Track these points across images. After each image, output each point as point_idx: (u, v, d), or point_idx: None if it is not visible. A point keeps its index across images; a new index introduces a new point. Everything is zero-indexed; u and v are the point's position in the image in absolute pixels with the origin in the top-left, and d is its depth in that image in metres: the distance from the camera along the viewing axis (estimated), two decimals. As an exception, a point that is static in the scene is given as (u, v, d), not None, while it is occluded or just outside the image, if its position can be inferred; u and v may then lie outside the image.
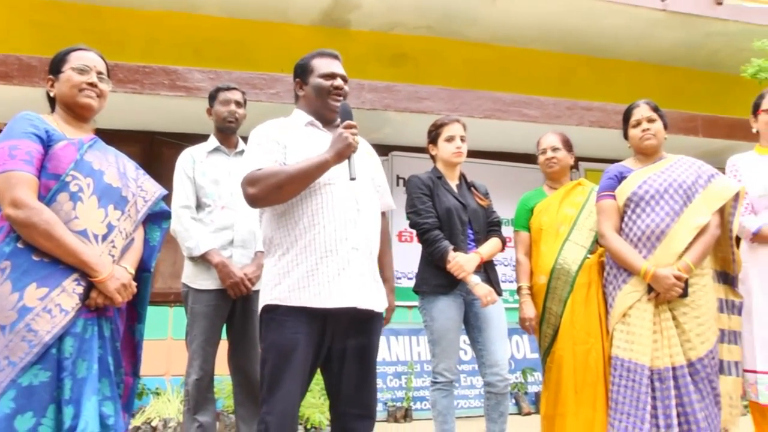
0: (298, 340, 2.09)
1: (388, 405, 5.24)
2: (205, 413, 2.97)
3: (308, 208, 2.13)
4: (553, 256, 3.05)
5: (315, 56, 2.35)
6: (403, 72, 6.26)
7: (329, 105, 2.29)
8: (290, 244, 2.14)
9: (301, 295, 2.08)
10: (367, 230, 2.20)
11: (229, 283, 2.92)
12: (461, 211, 3.10)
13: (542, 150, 3.26)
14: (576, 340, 2.93)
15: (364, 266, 2.16)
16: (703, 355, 2.60)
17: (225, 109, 3.13)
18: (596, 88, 6.76)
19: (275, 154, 2.17)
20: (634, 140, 2.89)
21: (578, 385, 2.90)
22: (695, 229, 2.65)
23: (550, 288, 3.04)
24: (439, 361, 3.04)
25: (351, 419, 2.24)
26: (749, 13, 6.91)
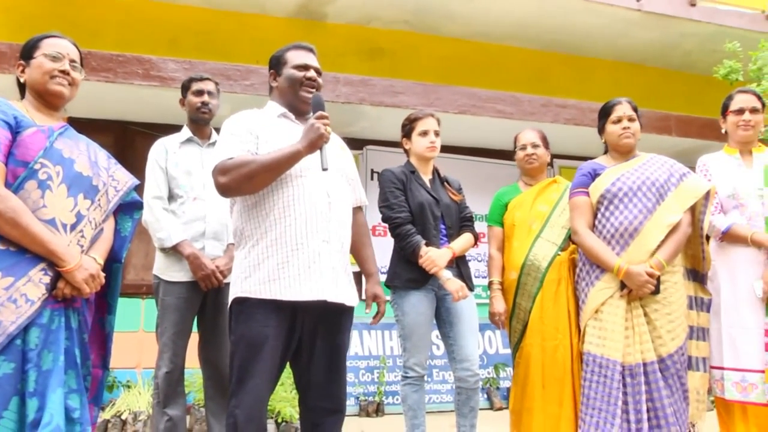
0: (267, 332, 2.08)
1: (360, 399, 5.25)
2: (175, 407, 2.94)
3: (279, 200, 2.13)
4: (524, 252, 3.07)
5: (290, 48, 2.36)
6: (379, 66, 6.24)
7: (301, 96, 2.29)
8: (261, 236, 2.13)
9: (272, 287, 2.08)
10: (339, 223, 2.20)
11: (200, 275, 2.89)
12: (434, 206, 3.10)
13: (522, 146, 3.26)
14: (544, 335, 2.97)
15: (335, 260, 2.15)
16: (673, 351, 2.64)
17: (198, 99, 3.09)
18: (572, 86, 6.81)
19: (247, 144, 2.16)
20: (613, 137, 2.91)
21: (546, 380, 2.93)
22: (667, 227, 2.69)
23: (520, 284, 3.07)
24: (409, 355, 3.05)
25: (320, 413, 2.24)
26: (722, 16, 7.03)
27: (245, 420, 2.07)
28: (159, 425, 2.93)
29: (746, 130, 3.03)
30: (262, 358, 2.08)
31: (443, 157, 5.99)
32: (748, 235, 2.85)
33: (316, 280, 2.09)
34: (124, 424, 4.09)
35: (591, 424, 2.63)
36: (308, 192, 2.14)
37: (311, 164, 2.15)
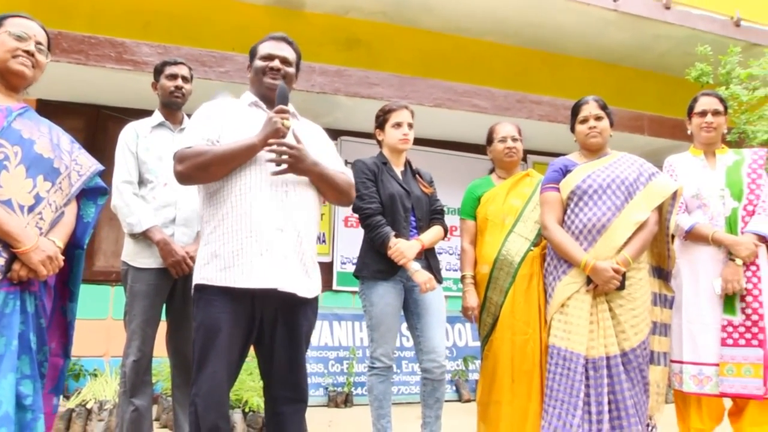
0: (225, 320, 2.10)
1: (329, 390, 5.28)
2: (141, 396, 2.91)
3: (236, 187, 2.14)
4: (496, 247, 3.09)
5: (264, 40, 2.39)
6: (355, 56, 6.23)
7: (266, 83, 2.31)
8: (218, 223, 2.15)
9: (227, 275, 2.09)
10: (296, 212, 2.18)
11: (170, 262, 2.86)
12: (405, 198, 3.11)
13: (502, 138, 3.25)
14: (515, 329, 2.99)
15: (288, 248, 2.14)
16: (636, 346, 2.70)
17: (171, 83, 3.06)
18: (547, 83, 6.88)
19: (208, 132, 2.17)
20: (580, 136, 2.97)
21: (515, 373, 2.96)
22: (635, 224, 2.74)
23: (492, 278, 3.09)
24: (377, 346, 3.06)
25: (282, 402, 2.25)
26: (695, 20, 7.15)
27: (204, 408, 2.08)
28: (124, 415, 2.90)
29: (708, 132, 3.09)
30: (220, 345, 2.09)
31: (417, 150, 6.00)
32: (709, 234, 2.92)
33: (267, 268, 2.09)
34: (89, 414, 4.03)
35: (554, 415, 2.68)
36: (265, 181, 2.15)
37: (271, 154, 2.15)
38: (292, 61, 2.36)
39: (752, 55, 6.71)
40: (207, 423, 2.10)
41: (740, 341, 2.82)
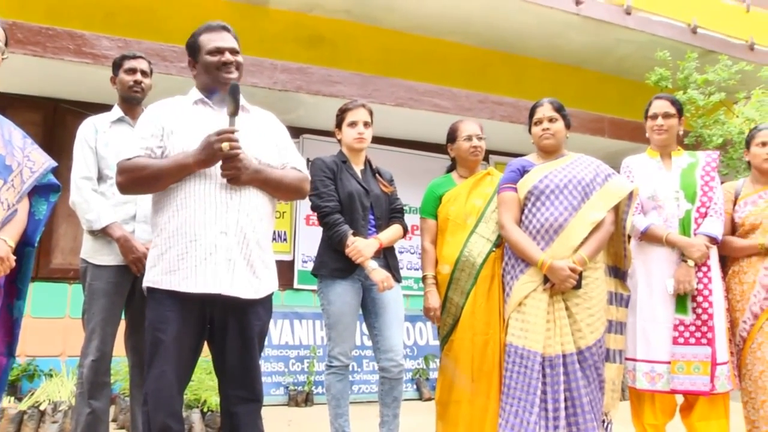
0: (174, 320, 2.09)
1: (290, 389, 5.25)
2: (99, 398, 2.84)
3: (181, 191, 2.12)
4: (458, 248, 3.08)
5: (202, 32, 2.28)
6: (318, 54, 6.21)
7: (222, 79, 2.23)
8: (164, 225, 2.14)
9: (171, 279, 2.09)
10: (242, 214, 2.15)
11: (131, 259, 2.81)
12: (363, 197, 3.11)
13: (467, 137, 3.21)
14: (476, 330, 3.00)
15: (234, 252, 2.13)
16: (591, 344, 2.74)
17: (130, 78, 3.00)
18: (510, 84, 6.95)
19: (149, 141, 2.14)
20: (535, 138, 3.01)
21: (475, 373, 2.97)
22: (591, 224, 2.78)
23: (453, 279, 3.08)
24: (334, 344, 3.06)
25: (236, 401, 2.24)
26: (654, 26, 7.32)
27: (154, 408, 2.08)
28: (80, 417, 2.83)
29: (660, 134, 3.16)
30: (166, 344, 2.08)
31: (379, 149, 6.04)
32: (663, 235, 2.99)
33: (211, 273, 2.08)
34: (42, 416, 3.92)
35: (511, 413, 2.71)
36: (210, 183, 2.12)
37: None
38: (239, 50, 2.30)
39: (708, 62, 6.90)
40: (156, 423, 2.09)
41: (691, 340, 2.91)
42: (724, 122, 6.60)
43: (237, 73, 2.26)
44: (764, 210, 3.10)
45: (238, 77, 2.27)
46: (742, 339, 3.07)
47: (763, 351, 2.97)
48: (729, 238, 3.13)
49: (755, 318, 3.02)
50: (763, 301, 3.01)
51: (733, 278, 3.13)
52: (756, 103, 6.40)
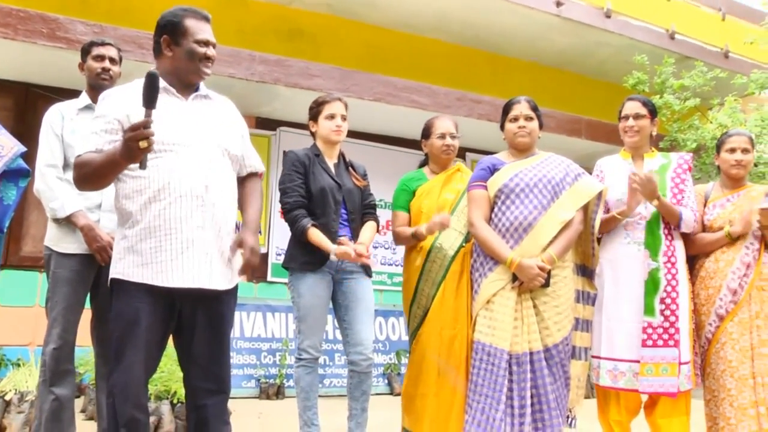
0: (142, 311, 2.07)
1: (261, 382, 5.24)
2: (62, 386, 2.81)
3: (154, 183, 2.08)
4: (430, 240, 3.11)
5: (188, 15, 2.20)
6: (298, 47, 6.18)
7: (201, 71, 2.20)
8: (136, 217, 2.09)
9: (144, 272, 2.06)
10: (216, 208, 2.15)
11: (95, 248, 2.77)
12: (336, 191, 3.12)
13: (441, 134, 3.25)
14: (444, 324, 3.03)
15: (210, 245, 2.12)
16: (558, 342, 2.76)
17: (98, 65, 2.96)
18: (489, 83, 6.98)
19: (105, 137, 2.09)
20: (509, 134, 2.99)
21: (441, 367, 3.01)
22: (560, 223, 2.79)
23: (424, 269, 3.10)
24: (304, 337, 3.07)
25: (203, 394, 2.22)
26: (633, 30, 7.41)
27: (121, 400, 2.06)
28: (44, 405, 2.80)
29: (631, 135, 3.18)
30: (136, 336, 2.06)
31: (355, 143, 6.03)
32: (614, 213, 3.02)
33: (188, 268, 2.07)
34: (8, 405, 3.85)
35: (477, 410, 2.72)
36: (184, 176, 2.09)
37: (188, 148, 2.12)
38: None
39: (685, 67, 7.01)
40: (124, 415, 2.07)
41: (659, 342, 2.94)
42: (698, 127, 6.71)
43: (210, 71, 2.23)
44: (731, 213, 3.16)
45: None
46: (707, 340, 3.12)
47: (726, 351, 3.03)
48: (700, 234, 3.18)
49: (720, 320, 3.07)
50: (728, 304, 3.06)
51: (701, 283, 3.18)
52: (729, 109, 6.51)
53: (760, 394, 2.96)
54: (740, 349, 3.02)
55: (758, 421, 2.93)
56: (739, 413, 2.96)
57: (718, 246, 3.14)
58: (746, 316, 3.05)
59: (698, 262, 3.23)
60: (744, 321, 3.04)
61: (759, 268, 3.07)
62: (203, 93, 2.28)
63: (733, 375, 3.00)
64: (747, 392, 2.97)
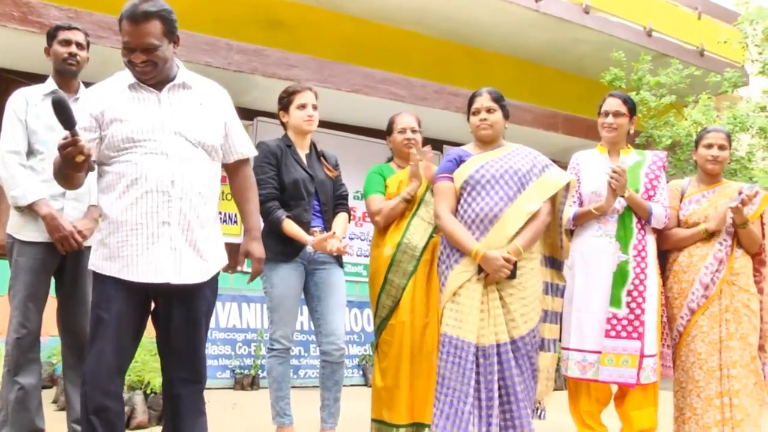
0: (115, 300, 2.09)
1: (236, 372, 5.22)
2: (27, 375, 2.78)
3: (123, 179, 2.09)
4: (401, 231, 3.14)
5: (122, 17, 2.08)
6: (276, 37, 6.13)
7: (135, 76, 2.16)
8: (108, 210, 2.13)
9: (112, 265, 2.09)
10: (184, 202, 2.12)
11: (57, 237, 2.73)
12: (308, 182, 3.11)
13: (401, 129, 3.31)
14: (416, 314, 3.07)
15: (177, 240, 2.10)
16: (525, 334, 2.75)
17: (64, 49, 2.90)
18: (467, 77, 6.97)
19: (83, 135, 2.01)
20: (473, 127, 2.99)
21: (414, 357, 3.05)
22: (526, 214, 2.77)
23: (394, 260, 3.13)
24: (276, 328, 3.07)
25: (178, 383, 2.23)
26: (612, 27, 7.46)
27: (91, 388, 2.06)
28: (9, 395, 2.76)
29: (609, 132, 3.22)
30: (110, 324, 2.08)
31: (332, 134, 6.02)
32: (590, 208, 3.08)
33: (153, 263, 2.07)
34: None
35: (445, 403, 2.69)
36: (150, 172, 2.08)
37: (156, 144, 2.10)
38: (156, 45, 2.08)
39: (661, 65, 7.08)
40: (94, 403, 2.07)
41: (622, 333, 2.99)
42: (674, 124, 6.79)
43: (153, 69, 2.11)
44: (707, 209, 3.21)
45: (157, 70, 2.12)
46: (678, 333, 3.18)
47: (696, 344, 3.09)
48: (675, 229, 3.23)
49: (692, 314, 3.13)
50: (700, 299, 3.12)
51: (674, 277, 3.23)
52: (703, 107, 6.60)
53: (726, 385, 3.03)
54: (709, 342, 3.08)
55: (722, 410, 3.00)
56: (705, 404, 3.03)
57: (693, 241, 3.19)
58: (716, 309, 3.11)
59: (672, 256, 3.28)
60: (714, 314, 3.10)
61: (731, 264, 3.13)
62: (180, 82, 2.22)
63: (701, 367, 3.07)
64: (714, 384, 3.04)
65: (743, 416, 2.99)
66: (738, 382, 3.02)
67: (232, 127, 2.35)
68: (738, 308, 3.11)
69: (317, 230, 3.08)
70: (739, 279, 3.14)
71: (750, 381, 3.06)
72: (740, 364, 3.04)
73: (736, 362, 3.04)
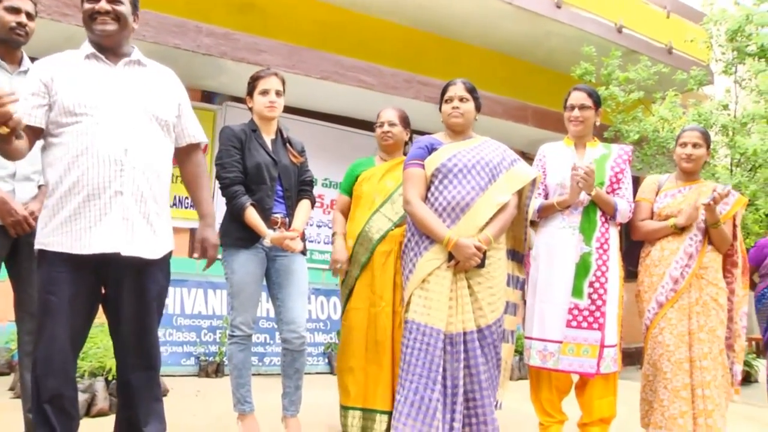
0: (65, 281, 2.03)
1: (201, 359, 5.17)
2: None
3: (73, 148, 2.04)
4: (362, 224, 3.23)
5: None
6: (247, 21, 6.03)
7: (96, 30, 2.16)
8: (56, 184, 2.07)
9: (63, 240, 2.02)
10: (137, 172, 2.10)
11: (9, 222, 2.59)
12: (271, 167, 3.07)
13: (380, 123, 3.37)
14: (371, 301, 3.17)
15: (131, 210, 2.08)
16: (491, 323, 2.78)
17: (12, 17, 2.67)
18: (438, 67, 6.96)
19: (31, 100, 2.06)
20: (444, 116, 3.00)
21: (369, 343, 3.15)
22: (496, 205, 2.80)
23: (353, 252, 3.24)
24: (236, 314, 3.04)
25: (131, 370, 2.19)
26: (583, 21, 7.52)
27: (44, 373, 2.01)
28: None
29: (576, 125, 3.25)
30: (61, 308, 2.02)
31: (300, 120, 5.97)
32: (553, 202, 3.12)
33: (105, 233, 2.03)
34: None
35: (410, 390, 2.68)
36: (101, 141, 2.06)
37: (105, 111, 2.08)
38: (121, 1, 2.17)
39: (631, 61, 7.17)
40: (48, 390, 2.02)
41: (583, 324, 3.03)
42: (641, 120, 6.90)
43: (115, 25, 2.16)
44: (681, 203, 3.26)
45: (118, 29, 2.17)
46: (645, 327, 3.24)
47: (664, 336, 3.15)
48: (646, 221, 3.29)
49: (659, 306, 3.19)
50: (669, 292, 3.18)
51: (645, 270, 3.29)
52: (669, 104, 6.71)
53: (698, 377, 3.09)
54: (678, 334, 3.13)
55: (691, 402, 3.05)
56: (672, 395, 3.09)
57: (662, 234, 3.25)
58: (686, 302, 3.17)
59: (645, 250, 3.34)
60: (683, 307, 3.16)
61: (701, 258, 3.19)
62: (135, 59, 2.24)
63: (669, 359, 3.12)
64: (681, 375, 3.09)
65: (714, 407, 3.06)
66: (709, 373, 3.09)
67: (185, 110, 2.37)
68: (707, 301, 3.17)
69: (279, 217, 3.06)
70: (708, 273, 3.20)
71: (719, 373, 3.13)
72: (710, 356, 3.11)
73: (707, 354, 3.11)
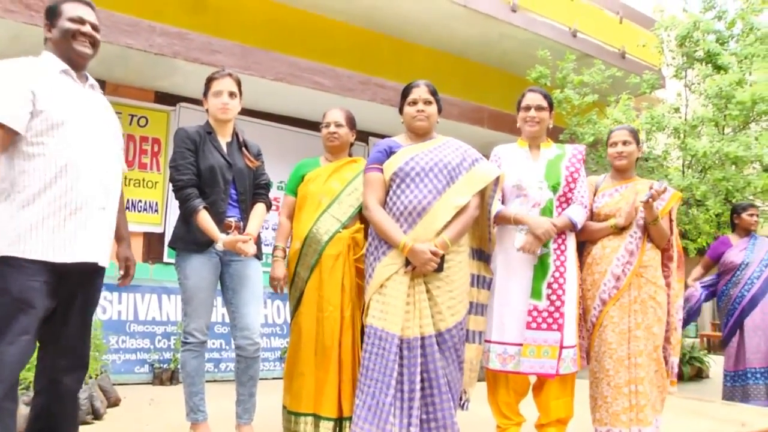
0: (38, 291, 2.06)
1: (155, 366, 5.04)
2: None
3: (56, 160, 2.10)
4: (309, 225, 3.15)
5: (66, 0, 2.28)
6: (201, 21, 5.92)
7: (75, 49, 2.25)
8: (33, 195, 2.08)
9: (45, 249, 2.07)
10: (112, 188, 2.30)
11: None
12: (225, 170, 3.01)
13: (326, 123, 3.30)
14: (319, 306, 3.08)
15: (105, 224, 2.26)
16: (452, 327, 2.76)
17: None
18: (394, 68, 6.96)
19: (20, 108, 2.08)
20: (407, 118, 2.97)
21: (318, 348, 3.07)
22: (455, 208, 2.78)
23: (301, 254, 3.14)
24: (190, 320, 2.97)
25: (63, 370, 2.24)
26: (538, 25, 7.63)
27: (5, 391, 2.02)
28: None
29: (532, 126, 3.27)
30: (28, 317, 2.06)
31: (255, 123, 5.89)
32: (511, 216, 3.10)
33: (89, 243, 2.17)
34: None
35: (368, 394, 2.68)
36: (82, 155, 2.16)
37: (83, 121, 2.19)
38: (99, 28, 2.35)
39: (585, 65, 7.30)
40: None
41: (543, 325, 3.04)
42: (596, 122, 7.02)
43: (92, 50, 2.31)
44: (618, 202, 3.32)
45: (92, 54, 2.31)
46: (592, 324, 3.28)
47: (608, 333, 3.20)
48: (587, 222, 3.32)
49: (603, 304, 3.24)
50: (611, 289, 3.23)
51: (588, 268, 3.34)
52: (623, 107, 6.85)
53: (633, 373, 3.15)
54: (619, 332, 3.20)
55: (629, 398, 3.12)
56: (614, 392, 3.15)
57: (604, 234, 3.32)
58: (626, 300, 3.23)
59: (587, 248, 3.39)
60: (624, 305, 3.22)
61: (641, 256, 3.26)
62: (93, 83, 2.37)
63: (612, 356, 3.18)
64: (623, 372, 3.16)
65: (645, 401, 3.14)
66: (643, 370, 3.17)
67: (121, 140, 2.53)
68: (645, 300, 3.25)
69: (233, 221, 3.00)
70: (647, 271, 3.27)
71: (652, 369, 3.22)
72: (645, 353, 3.19)
73: (642, 351, 3.18)
